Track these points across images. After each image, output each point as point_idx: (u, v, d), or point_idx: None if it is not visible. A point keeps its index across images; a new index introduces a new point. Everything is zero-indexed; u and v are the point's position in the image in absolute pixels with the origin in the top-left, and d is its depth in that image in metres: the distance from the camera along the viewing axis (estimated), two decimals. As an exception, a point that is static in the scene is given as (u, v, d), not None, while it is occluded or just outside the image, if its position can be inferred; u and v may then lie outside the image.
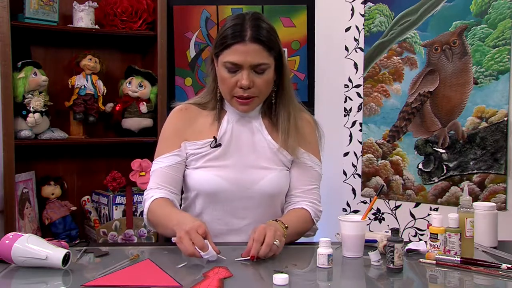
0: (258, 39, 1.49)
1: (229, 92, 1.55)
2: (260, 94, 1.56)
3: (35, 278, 1.25)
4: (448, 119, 2.37)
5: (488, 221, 1.57)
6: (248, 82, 1.50)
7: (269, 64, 1.53)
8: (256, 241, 1.34)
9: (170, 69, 2.80)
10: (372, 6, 2.57)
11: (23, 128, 2.42)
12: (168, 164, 1.61)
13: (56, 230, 2.53)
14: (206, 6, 2.83)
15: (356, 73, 2.65)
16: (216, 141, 1.60)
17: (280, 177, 1.62)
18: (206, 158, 1.61)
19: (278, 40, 1.56)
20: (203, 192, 1.61)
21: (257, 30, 1.50)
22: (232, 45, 1.50)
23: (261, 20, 1.53)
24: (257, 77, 1.52)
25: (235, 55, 1.50)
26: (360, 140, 2.63)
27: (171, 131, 1.66)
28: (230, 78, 1.52)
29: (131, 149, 2.78)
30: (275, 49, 1.54)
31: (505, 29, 2.20)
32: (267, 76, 1.54)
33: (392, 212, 2.55)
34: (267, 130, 1.63)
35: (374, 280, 1.29)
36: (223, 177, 1.58)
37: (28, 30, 2.48)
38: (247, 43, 1.49)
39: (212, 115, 1.65)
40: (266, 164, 1.61)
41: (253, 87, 1.52)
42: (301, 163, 1.65)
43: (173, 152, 1.62)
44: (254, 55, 1.50)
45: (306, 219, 1.63)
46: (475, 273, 1.31)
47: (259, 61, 1.50)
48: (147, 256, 1.40)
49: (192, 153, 1.61)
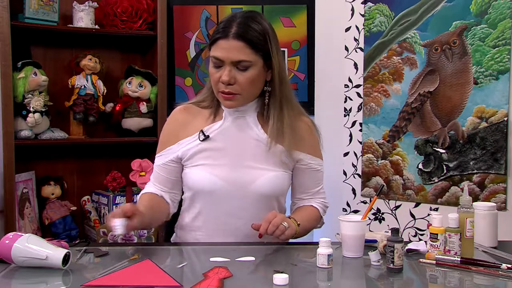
0: (241, 36, 1.51)
1: (215, 86, 1.58)
2: (243, 92, 1.56)
3: (35, 278, 1.25)
4: (448, 119, 2.37)
5: (488, 221, 1.57)
6: (228, 78, 1.52)
7: (252, 62, 1.53)
8: (265, 221, 1.46)
9: (170, 69, 2.80)
10: (372, 6, 2.57)
11: (23, 128, 2.42)
12: (157, 164, 1.69)
13: (56, 230, 2.53)
14: (206, 6, 2.83)
15: (356, 73, 2.65)
16: (204, 134, 1.62)
17: (277, 179, 1.62)
18: (201, 156, 1.62)
19: (269, 40, 1.55)
20: (199, 191, 1.62)
21: (242, 28, 1.51)
22: (217, 40, 1.53)
23: (252, 20, 1.54)
24: (239, 74, 1.53)
25: (218, 50, 1.53)
26: (360, 140, 2.63)
27: (166, 131, 1.71)
28: (215, 73, 1.55)
29: (131, 149, 2.78)
30: (261, 48, 1.54)
31: (505, 29, 2.20)
32: (250, 74, 1.54)
33: (392, 212, 2.55)
34: (263, 129, 1.64)
35: (374, 280, 1.29)
36: (219, 175, 1.59)
37: (28, 30, 2.48)
38: (230, 39, 1.51)
39: (209, 112, 1.67)
40: (261, 164, 1.61)
41: (235, 83, 1.54)
42: (308, 168, 1.68)
43: (161, 152, 1.68)
44: (236, 51, 1.51)
45: (317, 217, 1.72)
46: (475, 273, 1.31)
47: (240, 58, 1.52)
48: (147, 256, 1.40)
49: (185, 149, 1.63)
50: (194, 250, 1.54)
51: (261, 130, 1.63)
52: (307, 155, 1.66)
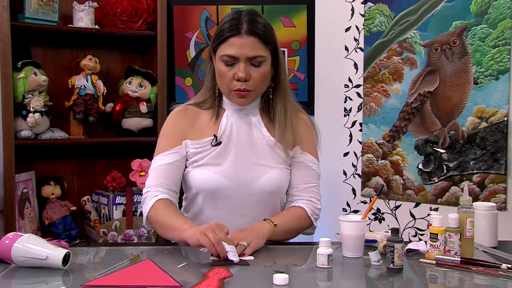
0: (254, 31, 1.52)
1: (227, 85, 1.57)
2: (256, 88, 1.57)
3: (35, 278, 1.25)
4: (448, 119, 2.37)
5: (488, 221, 1.57)
6: (245, 74, 1.52)
7: (265, 57, 1.55)
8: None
9: (170, 69, 2.80)
10: (372, 6, 2.57)
11: (23, 128, 2.42)
12: (167, 162, 1.60)
13: (56, 230, 2.53)
14: (206, 6, 2.83)
15: (356, 73, 2.65)
16: (217, 139, 1.61)
17: (280, 176, 1.63)
18: (207, 157, 1.61)
19: (274, 35, 1.58)
20: (203, 190, 1.61)
21: (253, 24, 1.53)
22: (228, 38, 1.53)
23: (257, 15, 1.57)
24: (253, 70, 1.54)
25: (232, 48, 1.52)
26: (360, 140, 2.63)
27: (171, 129, 1.66)
28: (227, 71, 1.55)
29: (131, 149, 2.78)
30: (271, 43, 1.56)
31: (505, 29, 2.20)
32: (263, 69, 1.55)
33: (392, 212, 2.55)
34: (265, 126, 1.64)
35: (374, 280, 1.29)
36: (223, 174, 1.59)
37: (28, 30, 2.48)
38: (243, 36, 1.52)
39: (211, 113, 1.66)
40: (266, 162, 1.62)
41: (250, 80, 1.54)
42: (298, 162, 1.67)
43: (173, 150, 1.61)
44: (250, 47, 1.52)
45: (301, 216, 1.64)
46: (475, 273, 1.31)
47: (255, 54, 1.53)
48: (147, 256, 1.40)
49: (193, 152, 1.62)
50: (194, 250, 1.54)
51: (264, 127, 1.64)
52: (298, 149, 1.66)
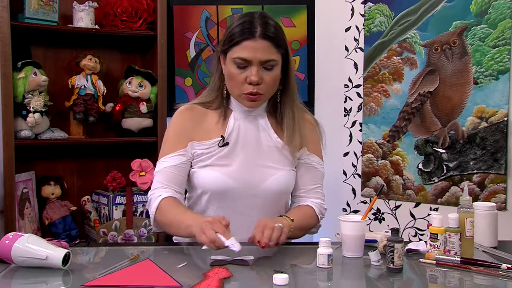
0: (267, 35, 1.52)
1: (238, 88, 1.56)
2: (267, 91, 1.58)
3: (35, 278, 1.25)
4: (448, 119, 2.37)
5: (488, 221, 1.57)
6: (258, 78, 1.52)
7: (277, 61, 1.55)
8: (258, 230, 1.40)
9: (170, 69, 2.80)
10: (372, 6, 2.57)
11: (23, 128, 2.42)
12: (173, 164, 1.60)
13: (56, 230, 2.53)
14: (206, 6, 2.83)
15: (356, 73, 2.65)
16: (224, 140, 1.61)
17: (287, 177, 1.63)
18: (213, 157, 1.61)
19: (285, 38, 1.58)
20: (209, 191, 1.61)
21: (266, 27, 1.52)
22: (242, 41, 1.52)
23: (269, 18, 1.57)
24: (265, 74, 1.54)
25: (245, 51, 1.52)
26: (360, 140, 2.63)
27: (176, 131, 1.65)
28: (239, 74, 1.54)
29: (131, 149, 2.78)
30: (283, 46, 1.56)
31: (505, 29, 2.20)
32: (274, 73, 1.56)
33: (392, 212, 2.55)
34: (272, 128, 1.65)
35: (374, 280, 1.29)
36: (230, 175, 1.59)
37: (28, 30, 2.48)
38: (257, 40, 1.51)
39: (218, 114, 1.65)
40: (273, 163, 1.62)
41: (262, 83, 1.54)
42: (304, 163, 1.68)
43: (178, 152, 1.61)
44: (264, 51, 1.52)
45: (311, 214, 1.66)
46: (475, 273, 1.31)
47: (268, 57, 1.53)
48: (147, 256, 1.40)
49: (200, 153, 1.61)
50: (194, 250, 1.54)
51: (271, 130, 1.64)
52: (305, 150, 1.67)
